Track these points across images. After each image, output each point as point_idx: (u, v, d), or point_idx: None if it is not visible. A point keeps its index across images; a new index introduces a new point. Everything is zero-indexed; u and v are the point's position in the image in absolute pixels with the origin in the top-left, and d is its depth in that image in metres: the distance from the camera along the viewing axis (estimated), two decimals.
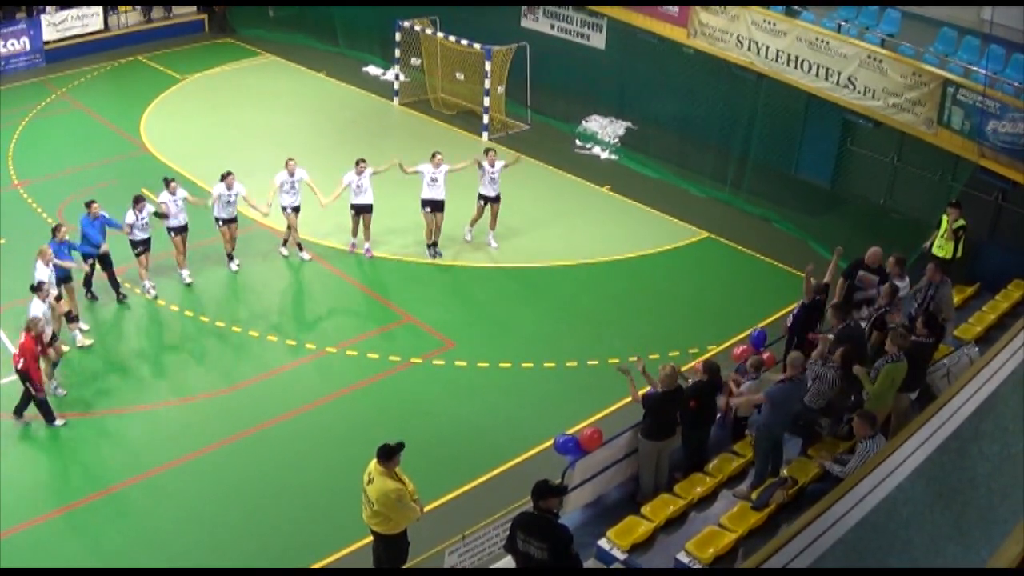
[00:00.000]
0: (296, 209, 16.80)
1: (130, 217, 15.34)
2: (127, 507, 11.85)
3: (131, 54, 26.93)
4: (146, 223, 15.52)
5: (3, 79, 23.52)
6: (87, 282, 15.54)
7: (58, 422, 12.95)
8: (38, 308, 12.90)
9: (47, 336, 13.05)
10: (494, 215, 17.52)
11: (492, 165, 17.04)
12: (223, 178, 16.24)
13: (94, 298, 15.67)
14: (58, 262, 14.14)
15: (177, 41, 28.09)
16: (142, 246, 15.66)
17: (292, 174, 16.58)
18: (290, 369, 14.45)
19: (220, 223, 16.45)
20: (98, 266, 15.31)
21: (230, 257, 16.82)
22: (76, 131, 22.12)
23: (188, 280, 16.29)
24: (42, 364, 12.92)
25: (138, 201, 15.46)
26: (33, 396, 12.70)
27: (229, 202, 16.29)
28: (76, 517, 11.69)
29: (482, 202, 17.40)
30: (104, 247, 15.16)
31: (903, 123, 16.33)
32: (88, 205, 15.15)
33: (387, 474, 9.34)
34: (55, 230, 14.55)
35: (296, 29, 28.24)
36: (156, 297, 15.83)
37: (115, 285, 15.67)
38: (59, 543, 11.29)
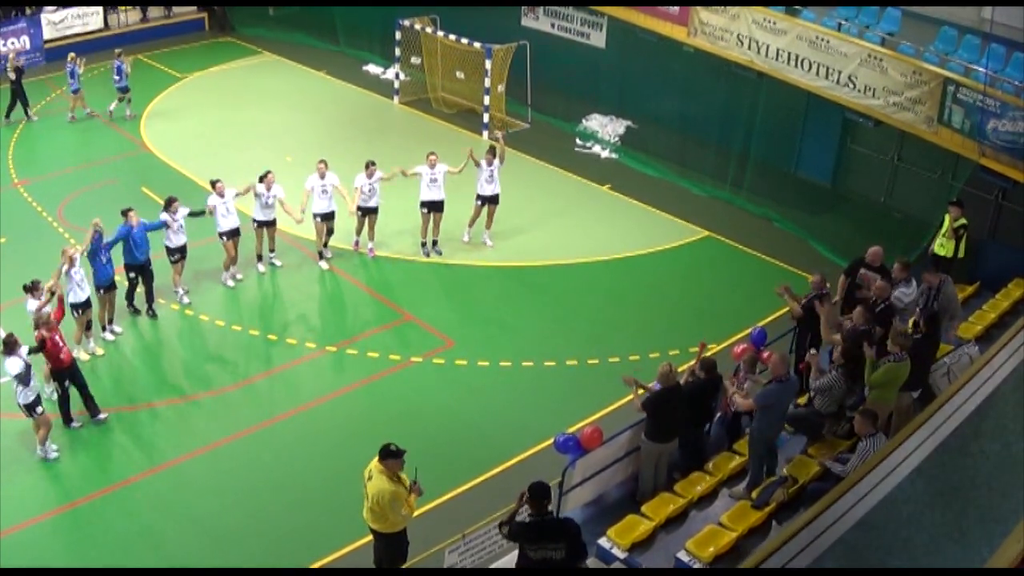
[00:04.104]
0: (329, 216, 16.45)
1: (163, 217, 14.94)
2: (126, 506, 11.83)
3: (131, 53, 26.77)
4: (181, 226, 15.11)
5: (2, 78, 23.43)
6: (129, 295, 15.12)
7: (74, 424, 12.92)
8: (32, 305, 12.80)
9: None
10: (491, 216, 17.48)
11: (490, 164, 17.00)
12: (262, 178, 15.78)
13: (136, 312, 15.26)
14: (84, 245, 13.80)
15: (177, 40, 28.11)
16: (179, 252, 15.27)
17: (323, 177, 16.17)
18: (290, 368, 14.44)
19: (256, 225, 16.17)
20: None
21: (259, 258, 16.58)
22: (76, 130, 22.10)
23: (233, 283, 16.12)
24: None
25: (170, 203, 15.02)
26: (58, 392, 12.67)
27: (268, 204, 15.88)
28: (77, 515, 11.68)
29: (479, 202, 17.36)
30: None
31: (903, 122, 16.32)
32: (124, 213, 14.57)
33: (386, 474, 9.33)
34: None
35: (296, 28, 28.23)
36: (189, 304, 15.51)
37: (150, 299, 15.22)
38: (60, 541, 11.30)
